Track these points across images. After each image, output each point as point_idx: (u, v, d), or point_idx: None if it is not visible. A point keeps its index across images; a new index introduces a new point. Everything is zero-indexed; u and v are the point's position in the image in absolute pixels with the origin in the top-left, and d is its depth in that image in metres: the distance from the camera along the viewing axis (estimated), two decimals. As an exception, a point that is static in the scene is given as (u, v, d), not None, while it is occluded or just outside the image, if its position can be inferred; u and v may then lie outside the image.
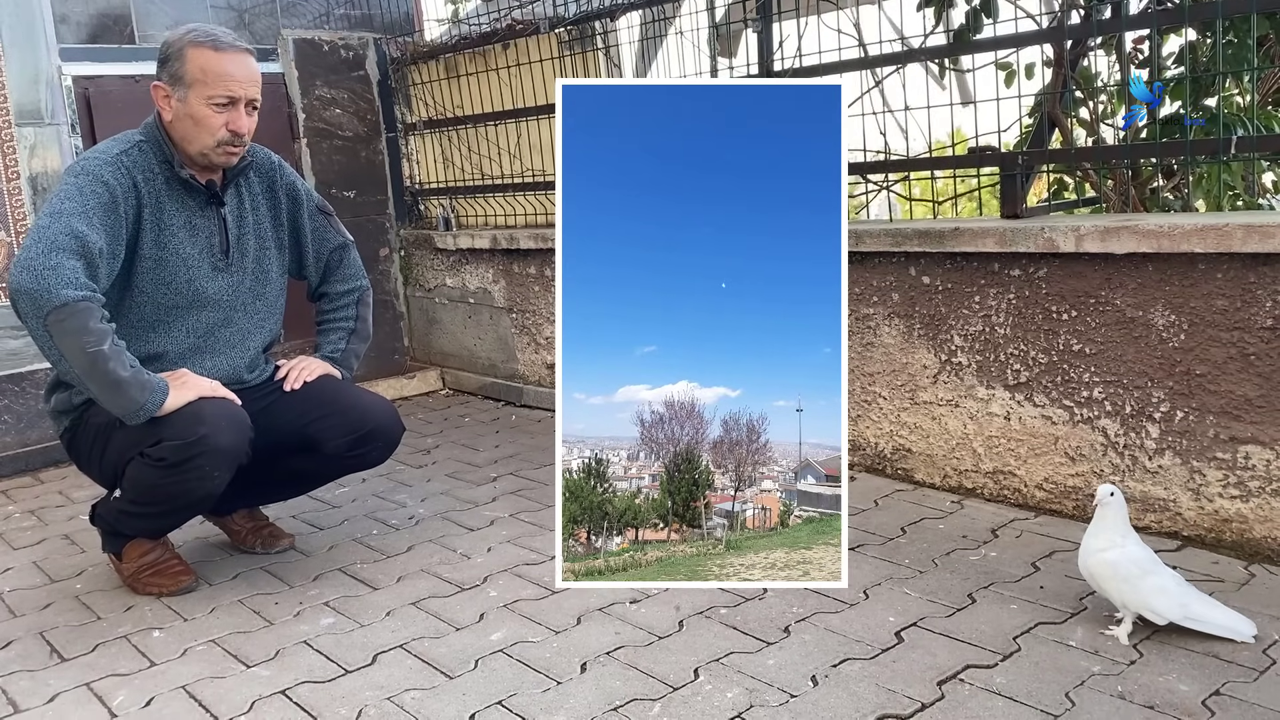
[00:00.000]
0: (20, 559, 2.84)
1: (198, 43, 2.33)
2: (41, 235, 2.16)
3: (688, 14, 3.65)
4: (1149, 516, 2.46)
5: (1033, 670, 1.87)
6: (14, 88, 3.73)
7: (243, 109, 2.36)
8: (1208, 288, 2.29)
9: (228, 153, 2.39)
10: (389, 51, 4.68)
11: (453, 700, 1.90)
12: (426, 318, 4.84)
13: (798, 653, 1.99)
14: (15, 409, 3.77)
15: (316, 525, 2.94)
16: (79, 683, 2.07)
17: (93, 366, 2.15)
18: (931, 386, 2.84)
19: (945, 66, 3.05)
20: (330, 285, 2.74)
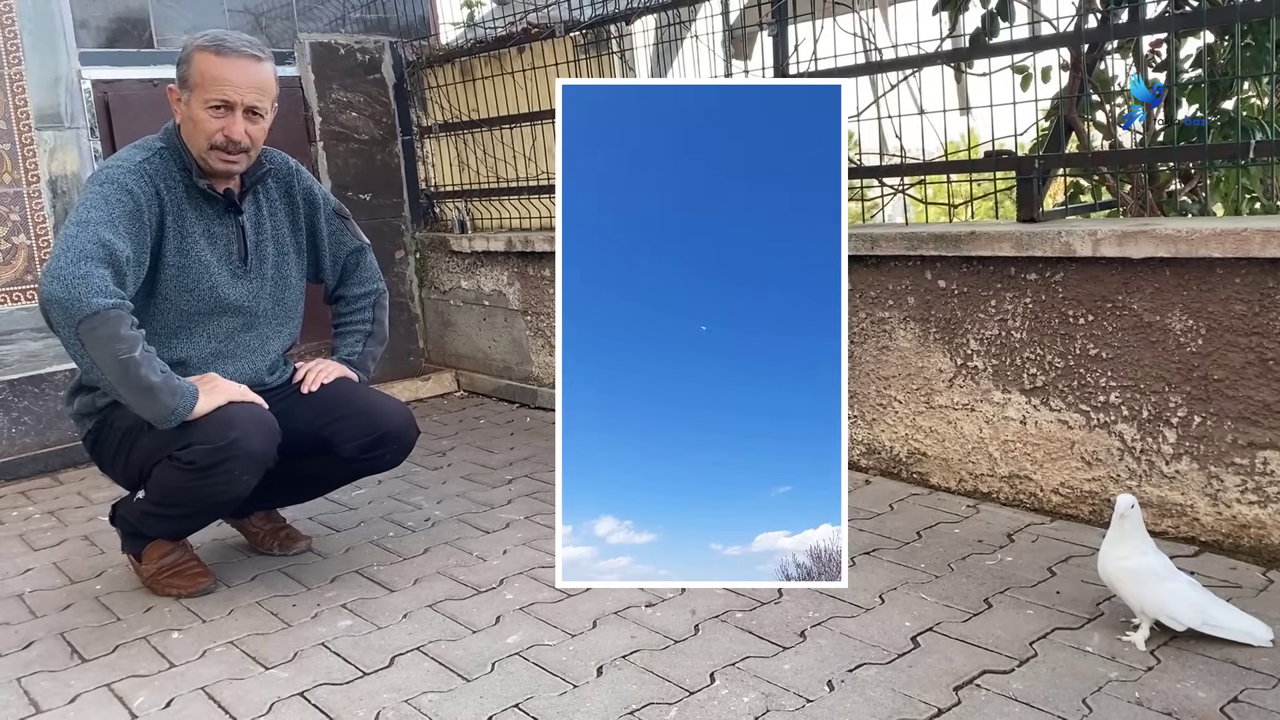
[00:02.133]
0: (41, 560, 2.86)
1: (203, 47, 2.35)
2: (70, 245, 2.18)
3: (703, 18, 3.65)
4: (1166, 522, 2.45)
5: (1049, 676, 1.87)
6: (34, 91, 3.76)
7: (239, 115, 2.35)
8: (1226, 292, 2.28)
9: (223, 159, 2.37)
10: (405, 55, 4.69)
11: (470, 703, 1.91)
12: (441, 320, 4.86)
13: (813, 657, 1.99)
14: (35, 410, 3.80)
15: (333, 527, 2.95)
16: (100, 683, 2.09)
17: (125, 373, 2.17)
18: (947, 390, 2.84)
19: (961, 70, 3.04)
20: (347, 288, 2.76)
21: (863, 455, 3.10)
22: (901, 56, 2.99)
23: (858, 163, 3.25)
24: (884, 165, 3.11)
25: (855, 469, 3.11)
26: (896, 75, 3.10)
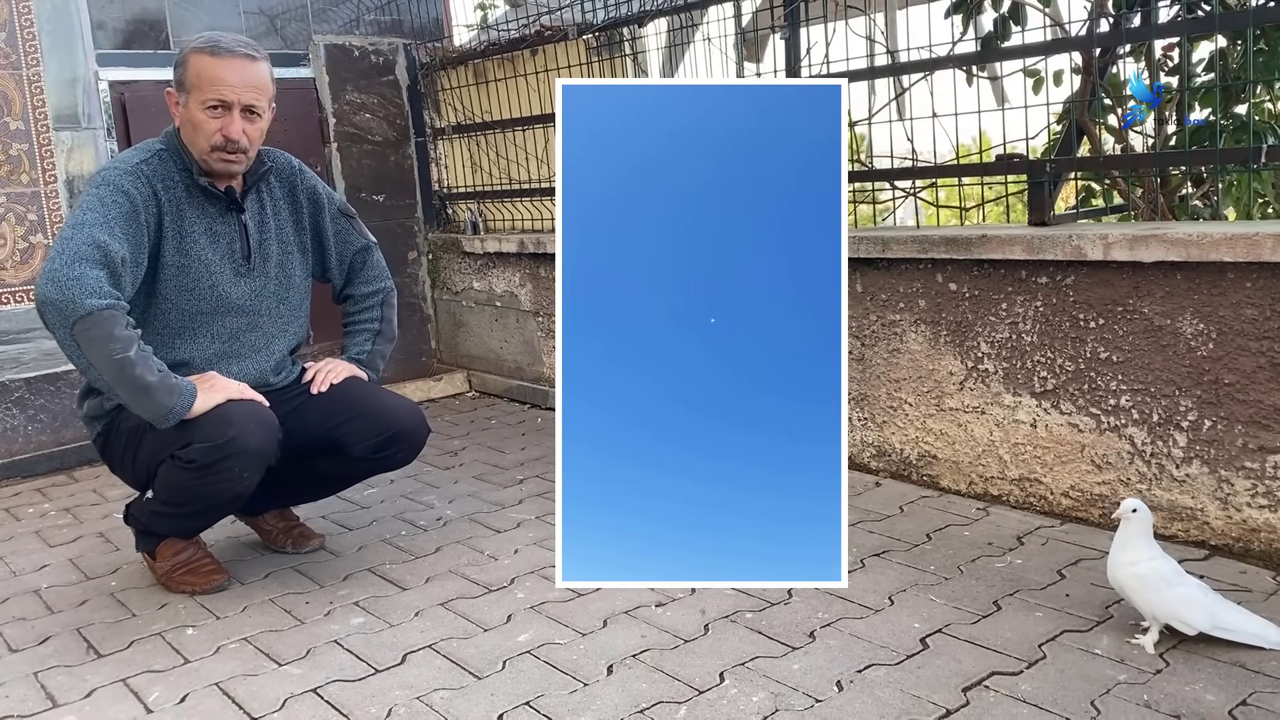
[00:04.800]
0: (57, 556, 2.89)
1: (198, 48, 2.37)
2: (65, 247, 2.20)
3: (715, 20, 3.66)
4: (1176, 525, 2.46)
5: (1058, 678, 1.88)
6: (52, 92, 3.80)
7: (237, 114, 2.37)
8: (1237, 297, 2.29)
9: (223, 159, 2.39)
10: (418, 57, 4.72)
11: (481, 700, 1.93)
12: (453, 320, 4.88)
13: (823, 658, 2.00)
14: (51, 408, 3.83)
15: (346, 526, 2.97)
16: (115, 678, 2.11)
17: (120, 373, 2.19)
18: (958, 393, 2.85)
19: (973, 74, 3.05)
20: (355, 287, 2.77)
21: (873, 457, 3.11)
22: (914, 60, 3.00)
23: (869, 165, 3.26)
24: (896, 168, 3.12)
25: (865, 471, 3.12)
26: (908, 78, 3.10)
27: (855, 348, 3.07)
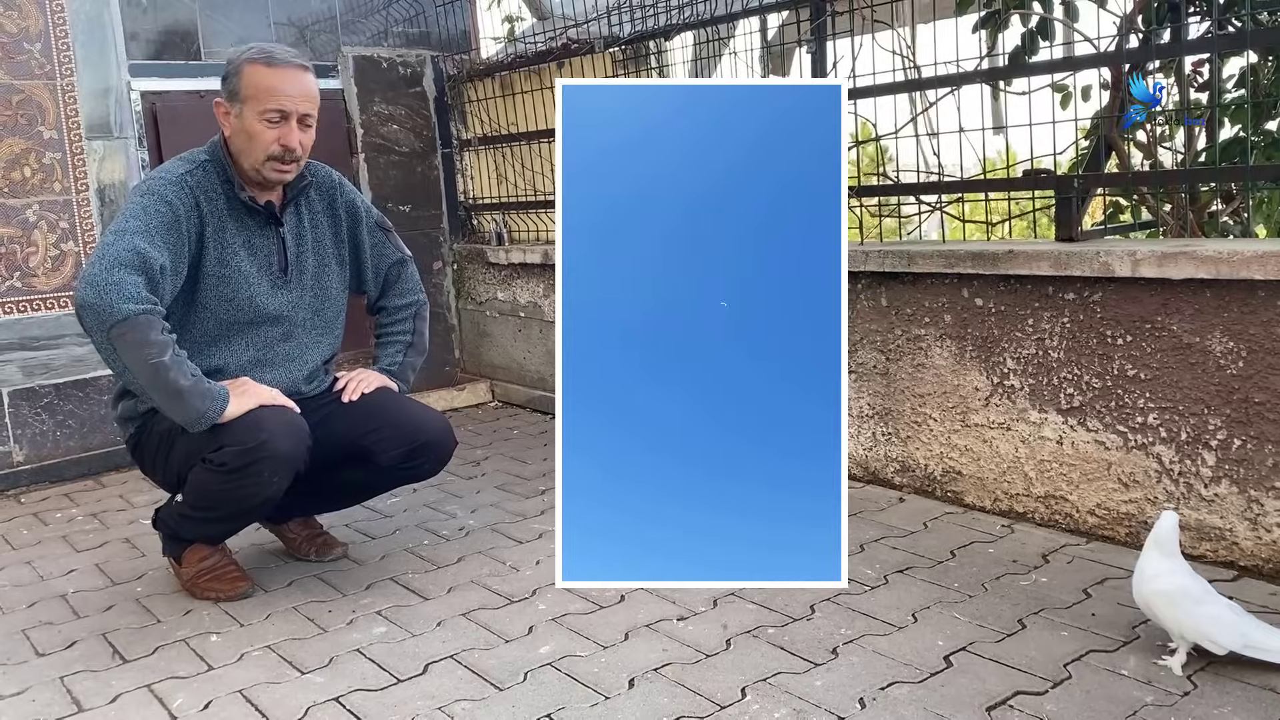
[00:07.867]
0: (83, 561, 2.92)
1: (253, 60, 2.40)
2: (105, 252, 2.23)
3: (741, 34, 3.67)
4: (1204, 545, 2.43)
5: (1084, 699, 1.86)
6: (85, 102, 3.85)
7: (294, 124, 2.42)
8: (1268, 315, 2.26)
9: (278, 169, 2.44)
10: (445, 69, 4.75)
11: (502, 712, 1.93)
12: (477, 330, 4.90)
13: (845, 674, 1.99)
14: (79, 414, 3.87)
15: (369, 534, 2.99)
16: (140, 684, 2.12)
17: (155, 377, 2.22)
18: (983, 409, 2.83)
19: (1000, 89, 3.04)
20: (388, 299, 2.80)
21: (897, 473, 3.09)
22: (941, 74, 2.99)
23: (895, 180, 3.25)
24: (923, 183, 3.11)
25: (889, 486, 3.11)
26: (935, 93, 3.10)
27: (879, 362, 3.06)
